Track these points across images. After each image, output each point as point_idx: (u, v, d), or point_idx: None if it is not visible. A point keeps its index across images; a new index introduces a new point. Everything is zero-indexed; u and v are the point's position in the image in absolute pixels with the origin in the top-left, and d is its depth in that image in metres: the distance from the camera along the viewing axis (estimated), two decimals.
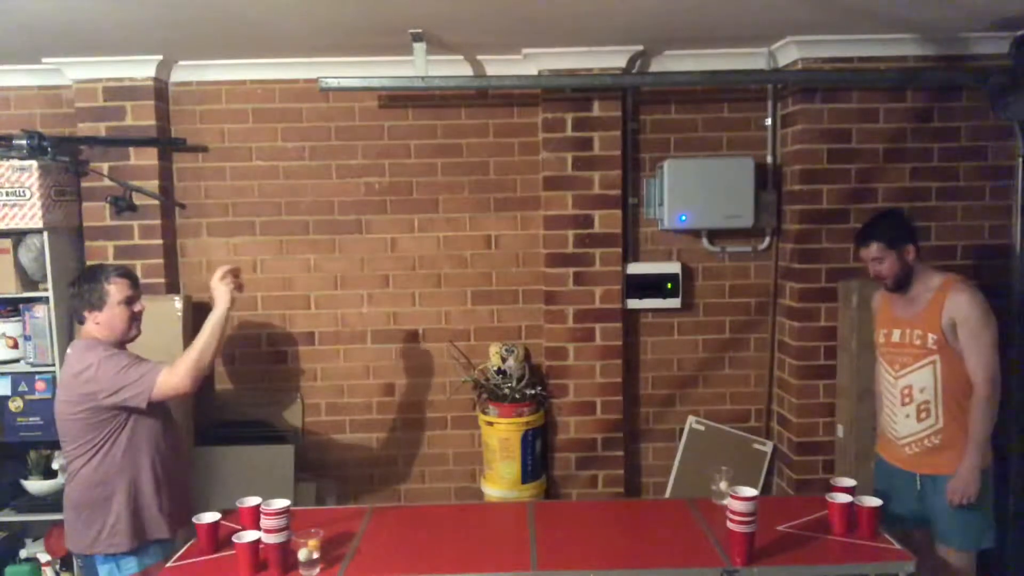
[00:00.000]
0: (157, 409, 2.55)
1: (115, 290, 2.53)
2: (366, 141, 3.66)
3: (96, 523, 2.50)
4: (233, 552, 2.29)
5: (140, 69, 3.46)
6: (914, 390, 2.71)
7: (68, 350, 2.59)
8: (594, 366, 3.65)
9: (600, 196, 3.57)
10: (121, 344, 2.57)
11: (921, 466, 2.73)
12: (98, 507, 2.49)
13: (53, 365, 3.29)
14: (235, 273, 2.65)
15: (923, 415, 2.70)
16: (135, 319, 2.58)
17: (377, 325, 3.74)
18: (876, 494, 2.69)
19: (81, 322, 2.58)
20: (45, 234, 3.26)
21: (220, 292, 2.61)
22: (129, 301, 2.56)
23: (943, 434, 2.67)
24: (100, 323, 2.53)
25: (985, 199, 3.48)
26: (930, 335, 2.66)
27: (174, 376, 2.47)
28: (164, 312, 3.35)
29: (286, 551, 2.26)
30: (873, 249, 2.73)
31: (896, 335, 2.77)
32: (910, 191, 3.47)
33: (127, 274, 2.60)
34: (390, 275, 3.73)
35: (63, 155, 3.37)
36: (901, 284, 2.75)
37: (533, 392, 3.56)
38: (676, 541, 2.47)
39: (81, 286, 2.54)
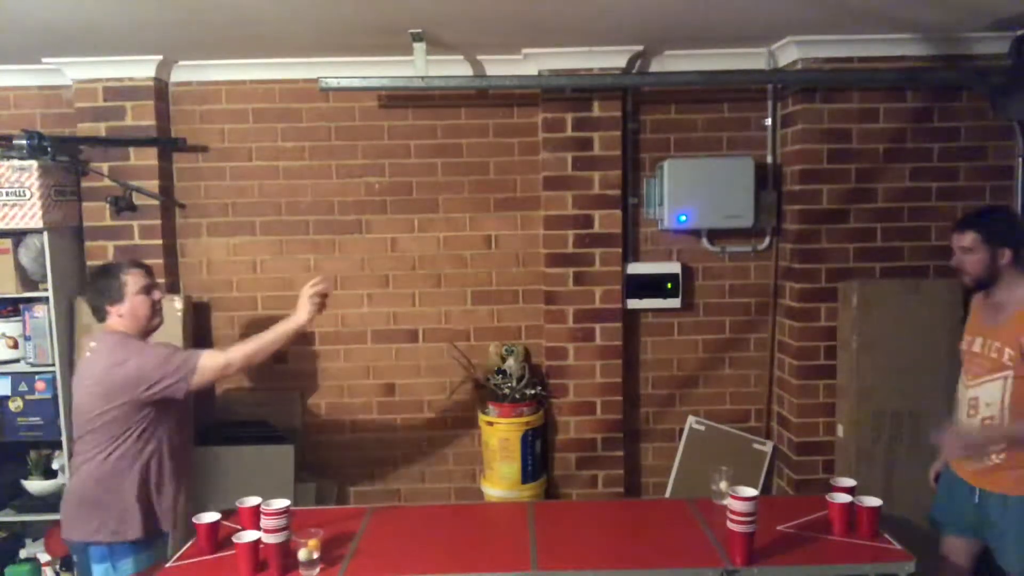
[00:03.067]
0: (181, 402, 2.56)
1: (132, 280, 2.56)
2: (366, 141, 3.66)
3: (98, 513, 2.48)
4: (233, 552, 2.29)
5: (140, 69, 3.46)
6: (980, 403, 2.54)
7: (92, 343, 2.57)
8: (594, 366, 3.65)
9: (600, 196, 3.57)
10: (145, 335, 2.59)
11: (982, 481, 2.55)
12: (106, 497, 2.47)
13: (53, 365, 3.29)
14: (325, 294, 2.64)
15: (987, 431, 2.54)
16: (156, 307, 2.61)
17: (377, 325, 3.74)
18: (937, 500, 2.70)
19: (103, 318, 2.59)
20: (45, 234, 3.25)
21: (304, 307, 2.60)
22: (147, 289, 2.59)
23: (1007, 453, 2.47)
24: (123, 315, 2.54)
25: (985, 199, 3.47)
26: (1007, 350, 2.45)
27: (223, 356, 2.52)
28: (164, 312, 3.33)
29: (286, 551, 2.26)
30: (967, 238, 2.52)
31: (977, 344, 2.58)
32: (910, 191, 3.47)
33: (140, 264, 2.65)
34: (390, 275, 3.73)
35: (63, 155, 3.37)
36: (981, 285, 2.55)
37: (533, 392, 3.56)
38: (676, 541, 2.47)
39: (98, 283, 2.57)
